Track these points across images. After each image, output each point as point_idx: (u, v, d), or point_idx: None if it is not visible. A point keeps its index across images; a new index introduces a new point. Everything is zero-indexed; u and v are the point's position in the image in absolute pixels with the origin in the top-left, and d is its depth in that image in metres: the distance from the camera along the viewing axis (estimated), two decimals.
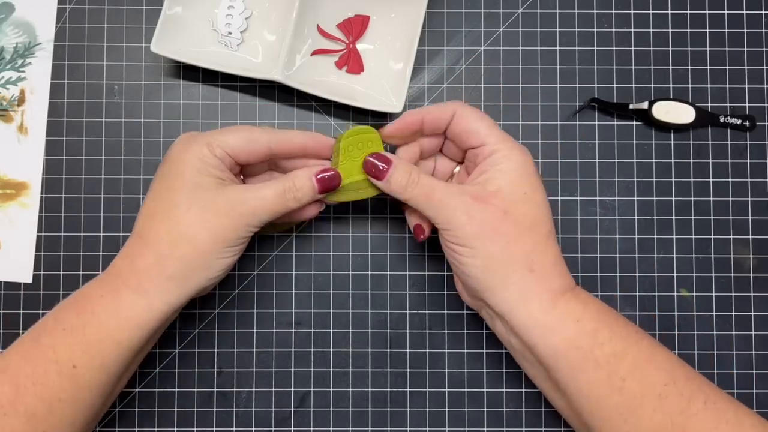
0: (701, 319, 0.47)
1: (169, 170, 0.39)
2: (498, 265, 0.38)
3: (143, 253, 0.38)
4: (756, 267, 0.48)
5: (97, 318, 0.37)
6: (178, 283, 0.38)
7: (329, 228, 0.48)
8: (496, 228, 0.37)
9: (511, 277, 0.37)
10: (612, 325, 0.37)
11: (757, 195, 0.48)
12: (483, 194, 0.38)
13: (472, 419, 0.47)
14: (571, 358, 0.37)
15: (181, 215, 0.38)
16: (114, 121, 0.48)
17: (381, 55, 0.47)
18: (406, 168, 0.40)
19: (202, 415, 0.46)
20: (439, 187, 0.39)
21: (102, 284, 0.39)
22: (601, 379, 0.36)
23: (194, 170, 0.38)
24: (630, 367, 0.36)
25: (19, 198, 0.47)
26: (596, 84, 0.48)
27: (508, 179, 0.38)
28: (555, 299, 0.37)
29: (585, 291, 0.39)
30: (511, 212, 0.38)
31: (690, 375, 0.37)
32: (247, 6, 0.47)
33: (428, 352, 0.47)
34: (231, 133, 0.40)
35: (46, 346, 0.37)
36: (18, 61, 0.48)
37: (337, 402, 0.47)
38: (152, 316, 0.38)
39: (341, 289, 0.47)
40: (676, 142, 0.48)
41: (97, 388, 0.38)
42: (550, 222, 0.39)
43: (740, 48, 0.49)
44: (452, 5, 0.49)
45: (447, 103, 0.41)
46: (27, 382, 0.36)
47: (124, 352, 0.38)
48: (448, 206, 0.38)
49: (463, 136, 0.40)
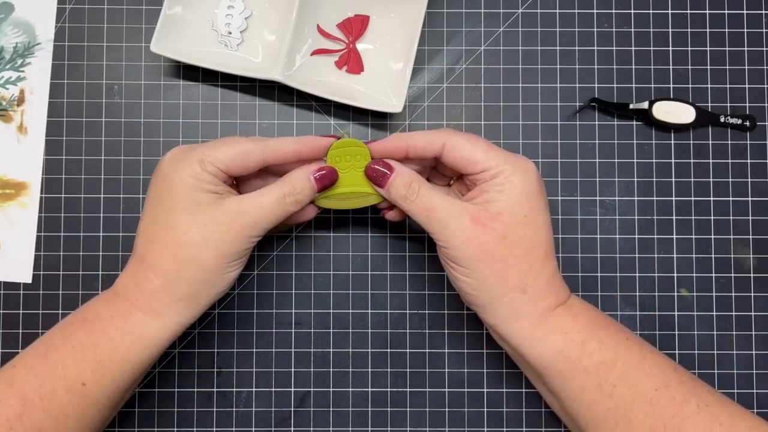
0: (701, 319, 0.47)
1: (163, 189, 0.38)
2: (491, 287, 0.38)
3: (149, 278, 0.38)
4: (756, 267, 0.48)
5: (108, 338, 0.37)
6: (187, 303, 0.38)
7: (329, 228, 0.48)
8: (493, 253, 0.37)
9: (502, 297, 0.38)
10: (601, 335, 0.38)
11: (758, 195, 0.48)
12: (483, 217, 0.37)
13: (472, 419, 0.47)
14: (560, 368, 0.37)
15: (182, 237, 0.37)
16: (114, 121, 0.48)
17: (381, 55, 0.47)
18: (407, 178, 0.39)
19: (202, 415, 0.46)
20: (439, 204, 0.38)
21: (111, 305, 0.38)
22: (592, 386, 0.37)
23: (188, 188, 0.37)
24: (620, 374, 0.37)
25: (19, 198, 0.47)
26: (596, 84, 0.48)
27: (510, 202, 0.38)
28: (545, 315, 0.38)
29: (579, 301, 0.39)
30: (509, 236, 0.37)
31: (683, 379, 0.37)
32: (247, 6, 0.47)
33: (428, 352, 0.47)
34: (222, 148, 0.38)
35: (54, 362, 0.37)
36: (18, 61, 0.48)
37: (337, 402, 0.47)
38: (164, 335, 0.38)
39: (341, 289, 0.47)
40: (677, 142, 0.48)
41: (105, 404, 0.38)
42: (550, 241, 0.39)
43: (740, 48, 0.49)
44: (452, 5, 0.49)
45: (434, 133, 0.40)
46: (34, 397, 0.36)
47: (134, 369, 0.38)
48: (447, 227, 0.38)
49: (459, 165, 0.39)
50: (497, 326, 0.39)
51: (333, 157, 0.41)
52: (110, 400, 0.38)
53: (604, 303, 0.47)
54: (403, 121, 0.48)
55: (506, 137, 0.48)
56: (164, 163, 0.39)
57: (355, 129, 0.48)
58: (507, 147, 0.47)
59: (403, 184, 0.39)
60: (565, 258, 0.47)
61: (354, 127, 0.48)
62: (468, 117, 0.48)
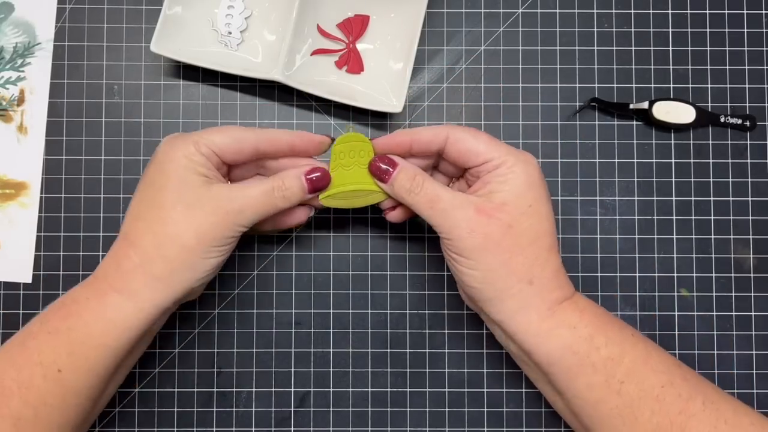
0: (701, 319, 0.47)
1: (155, 170, 0.39)
2: (497, 278, 0.38)
3: (129, 255, 0.38)
4: (756, 267, 0.48)
5: (83, 321, 0.37)
6: (165, 284, 0.38)
7: (329, 228, 0.48)
8: (498, 243, 0.37)
9: (510, 290, 0.37)
10: (607, 330, 0.38)
11: (758, 195, 0.48)
12: (487, 207, 0.38)
13: (472, 419, 0.47)
14: (568, 363, 0.37)
15: (166, 214, 0.37)
16: (113, 121, 0.48)
17: (381, 54, 0.47)
18: (411, 172, 0.39)
19: (201, 415, 0.46)
20: (443, 196, 0.38)
21: (88, 287, 0.38)
22: (599, 382, 0.37)
23: (180, 168, 0.38)
24: (627, 370, 0.37)
25: (19, 198, 0.47)
26: (596, 84, 0.48)
27: (514, 192, 0.38)
28: (552, 309, 0.38)
29: (583, 297, 0.39)
30: (515, 226, 0.37)
31: (687, 376, 0.37)
32: (247, 6, 0.47)
33: (428, 352, 0.47)
34: (217, 132, 0.39)
35: (31, 350, 0.36)
36: (18, 61, 0.48)
37: (337, 402, 0.47)
38: (140, 317, 0.37)
39: (341, 289, 0.47)
40: (677, 142, 0.48)
41: (85, 392, 0.37)
42: (554, 233, 0.39)
43: (740, 48, 0.49)
44: (452, 5, 0.49)
45: (437, 128, 0.40)
46: (12, 386, 0.36)
47: (112, 355, 0.37)
48: (452, 217, 0.38)
49: (462, 159, 0.39)
50: (503, 322, 0.38)
51: (337, 153, 0.41)
52: (90, 390, 0.37)
53: (604, 303, 0.47)
54: (403, 121, 0.48)
55: (506, 137, 0.48)
56: (160, 146, 0.39)
57: (355, 129, 0.48)
58: None
59: (408, 177, 0.39)
60: (565, 258, 0.47)
61: (354, 127, 0.48)
62: (468, 117, 0.48)
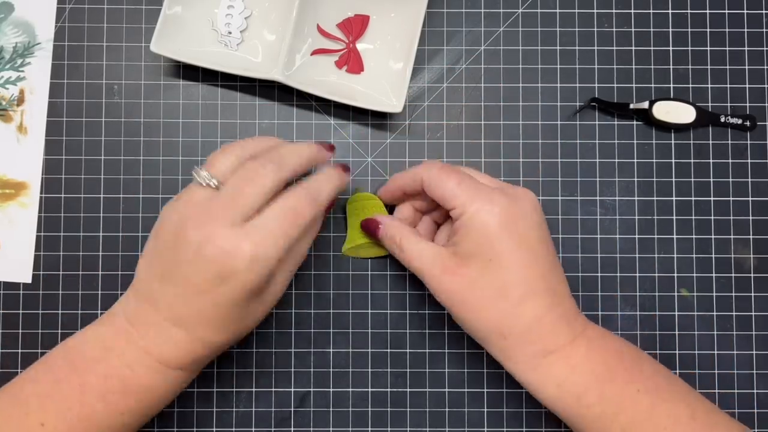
0: (701, 319, 0.47)
1: (187, 260, 0.35)
2: (475, 331, 0.39)
3: (171, 331, 0.36)
4: (756, 267, 0.48)
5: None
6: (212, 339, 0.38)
7: (329, 228, 0.48)
8: (463, 301, 0.37)
9: (488, 340, 0.38)
10: (604, 389, 0.36)
11: (758, 195, 0.48)
12: (452, 264, 0.38)
13: (472, 419, 0.47)
14: (560, 411, 0.38)
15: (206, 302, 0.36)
16: (113, 121, 0.48)
17: (381, 54, 0.47)
18: (390, 231, 0.41)
19: (202, 415, 0.46)
20: (419, 256, 0.39)
21: (123, 353, 0.37)
22: (597, 428, 0.37)
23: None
24: (624, 426, 0.36)
25: (19, 198, 0.47)
26: (596, 84, 0.48)
27: (475, 245, 0.37)
28: (536, 360, 0.37)
29: (587, 344, 0.37)
30: (477, 282, 0.37)
31: (695, 427, 0.36)
32: (246, 5, 0.47)
33: (428, 352, 0.47)
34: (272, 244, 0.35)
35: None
36: (17, 61, 0.48)
37: (337, 402, 0.47)
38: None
39: (341, 289, 0.47)
40: (677, 142, 0.48)
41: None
42: (525, 284, 0.36)
43: (741, 48, 0.49)
44: (452, 5, 0.49)
45: (415, 170, 0.40)
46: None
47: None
48: (424, 276, 0.39)
49: (439, 201, 0.39)
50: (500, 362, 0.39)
51: (351, 212, 0.45)
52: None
53: (604, 303, 0.47)
54: (403, 121, 0.48)
55: (506, 137, 0.48)
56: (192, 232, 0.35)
57: (355, 129, 0.48)
58: (507, 147, 0.48)
59: (387, 238, 0.41)
60: (565, 258, 0.47)
61: (354, 127, 0.48)
62: (468, 117, 0.48)
